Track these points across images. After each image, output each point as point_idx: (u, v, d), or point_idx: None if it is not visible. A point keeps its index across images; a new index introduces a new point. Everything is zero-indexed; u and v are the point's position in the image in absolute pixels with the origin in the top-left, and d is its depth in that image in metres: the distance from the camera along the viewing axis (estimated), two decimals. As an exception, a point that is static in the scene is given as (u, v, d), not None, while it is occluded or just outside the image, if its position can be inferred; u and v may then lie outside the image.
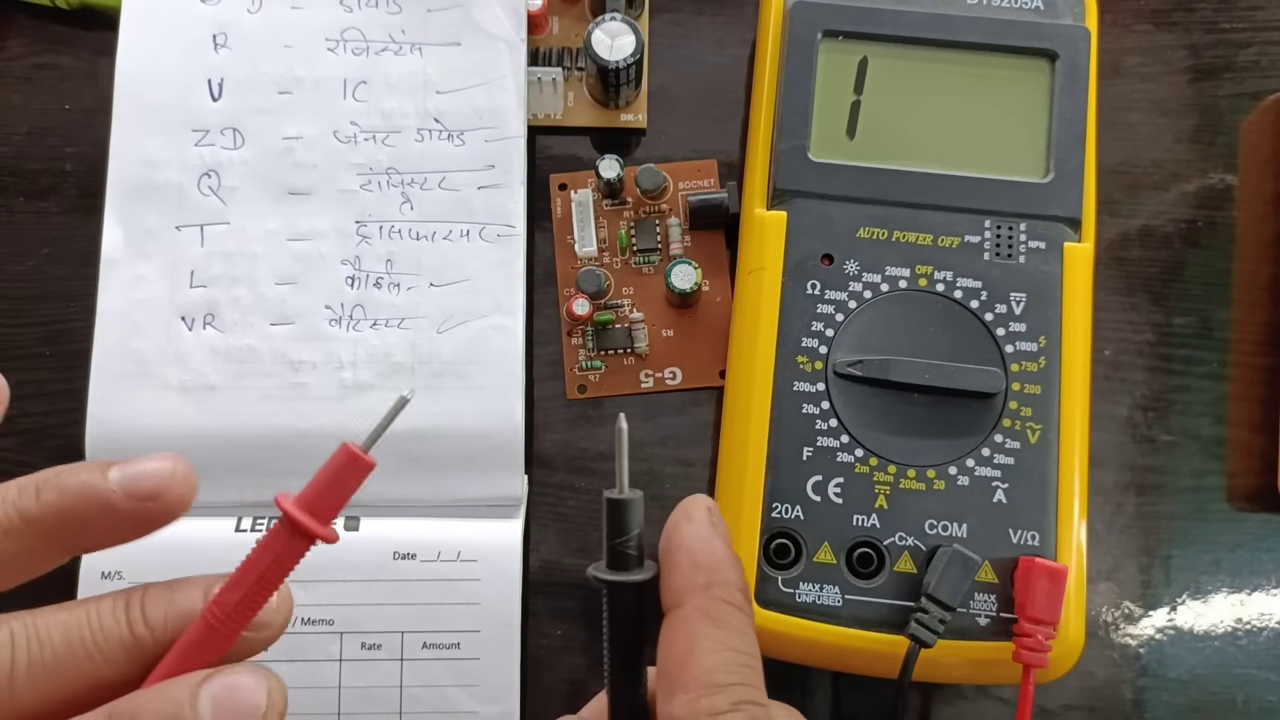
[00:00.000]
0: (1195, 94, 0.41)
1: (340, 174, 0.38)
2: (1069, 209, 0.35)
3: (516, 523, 0.36)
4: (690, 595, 0.24)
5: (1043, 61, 0.36)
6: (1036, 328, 0.35)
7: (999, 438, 0.34)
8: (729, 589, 0.24)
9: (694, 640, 0.23)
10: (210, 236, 0.37)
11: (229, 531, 0.35)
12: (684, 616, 0.24)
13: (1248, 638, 0.38)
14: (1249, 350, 0.39)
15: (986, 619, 0.33)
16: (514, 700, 0.35)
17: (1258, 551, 0.38)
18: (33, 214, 0.39)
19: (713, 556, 0.24)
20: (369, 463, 0.22)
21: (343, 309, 0.37)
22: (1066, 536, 0.33)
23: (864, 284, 0.35)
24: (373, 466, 0.22)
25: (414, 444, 0.36)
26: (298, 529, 0.23)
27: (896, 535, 0.34)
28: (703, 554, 0.24)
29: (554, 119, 0.40)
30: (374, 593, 0.35)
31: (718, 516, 0.25)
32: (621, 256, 0.39)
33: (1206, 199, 0.40)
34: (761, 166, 0.37)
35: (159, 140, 0.37)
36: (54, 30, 0.41)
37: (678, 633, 0.24)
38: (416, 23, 0.38)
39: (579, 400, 0.39)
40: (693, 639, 0.23)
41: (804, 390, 0.34)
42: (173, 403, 0.36)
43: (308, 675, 0.35)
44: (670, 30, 0.41)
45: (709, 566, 0.24)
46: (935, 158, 0.36)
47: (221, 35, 0.38)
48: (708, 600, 0.24)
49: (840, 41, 0.37)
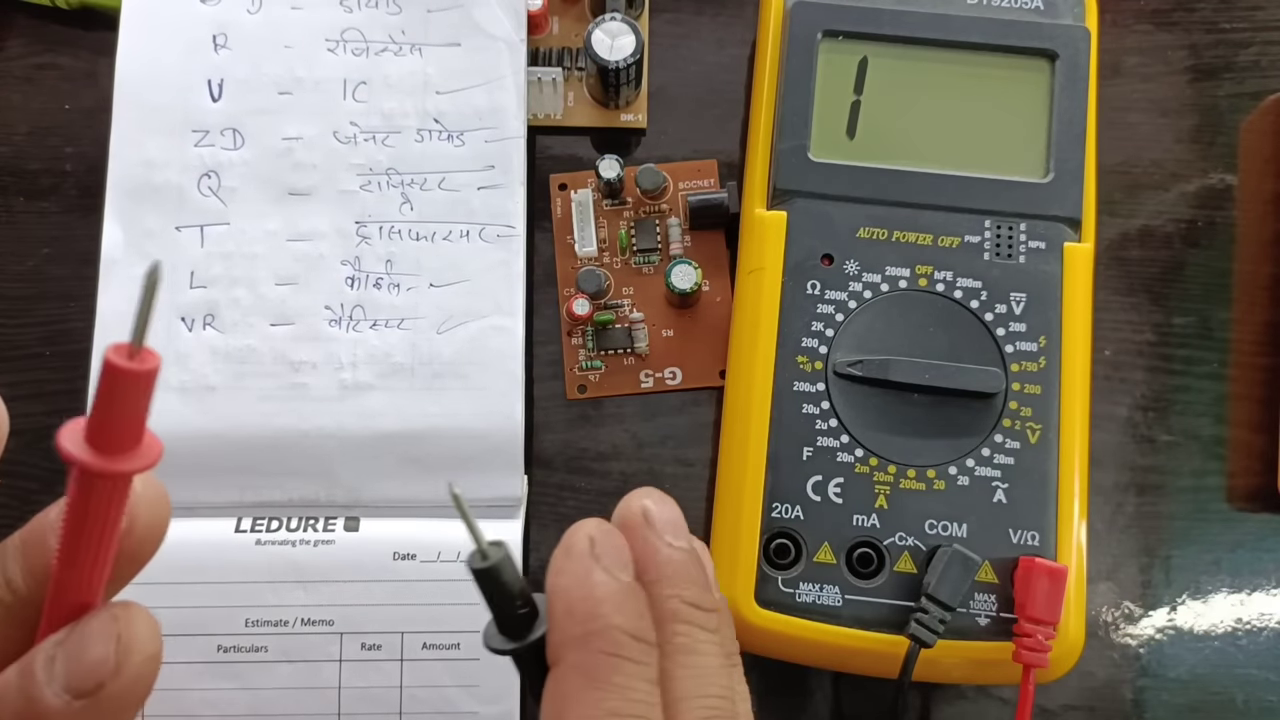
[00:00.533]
0: (1195, 94, 0.41)
1: (340, 174, 0.38)
2: (1069, 209, 0.35)
3: (516, 523, 0.36)
4: (565, 650, 0.21)
5: (1043, 61, 0.36)
6: (1036, 328, 0.35)
7: (999, 438, 0.34)
8: (609, 636, 0.21)
9: (565, 705, 0.20)
10: (210, 237, 0.37)
11: (229, 532, 0.35)
12: (558, 677, 0.21)
13: (1248, 638, 0.38)
14: (1249, 350, 0.39)
15: (986, 619, 0.33)
16: (514, 700, 0.35)
17: (1258, 551, 0.38)
18: (33, 214, 0.39)
19: (590, 599, 0.21)
20: (138, 371, 0.17)
21: (342, 309, 0.37)
22: (1066, 536, 0.33)
23: (864, 284, 0.35)
24: (150, 372, 0.18)
25: (414, 444, 0.36)
26: (94, 474, 0.18)
27: (896, 535, 0.34)
28: (578, 597, 0.21)
29: (554, 119, 0.40)
30: (374, 593, 0.35)
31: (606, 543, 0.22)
32: (621, 256, 0.39)
33: (1206, 199, 0.40)
34: (761, 166, 0.37)
35: (159, 140, 0.37)
36: (54, 30, 0.41)
37: (551, 697, 0.21)
38: (416, 23, 0.38)
39: (579, 400, 0.39)
40: (563, 704, 0.21)
41: (804, 390, 0.34)
42: (172, 403, 0.36)
43: (308, 676, 0.35)
44: (670, 30, 0.41)
45: (585, 613, 0.21)
46: (935, 158, 0.36)
47: (221, 36, 0.38)
48: (583, 654, 0.21)
49: (840, 41, 0.37)
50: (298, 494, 0.36)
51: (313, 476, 0.36)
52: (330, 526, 0.36)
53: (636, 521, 0.23)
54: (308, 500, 0.36)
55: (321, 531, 0.35)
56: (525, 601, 0.22)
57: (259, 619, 0.35)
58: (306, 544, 0.35)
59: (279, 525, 0.36)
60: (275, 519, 0.36)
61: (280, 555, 0.35)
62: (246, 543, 0.35)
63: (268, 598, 0.35)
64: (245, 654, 0.35)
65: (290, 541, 0.35)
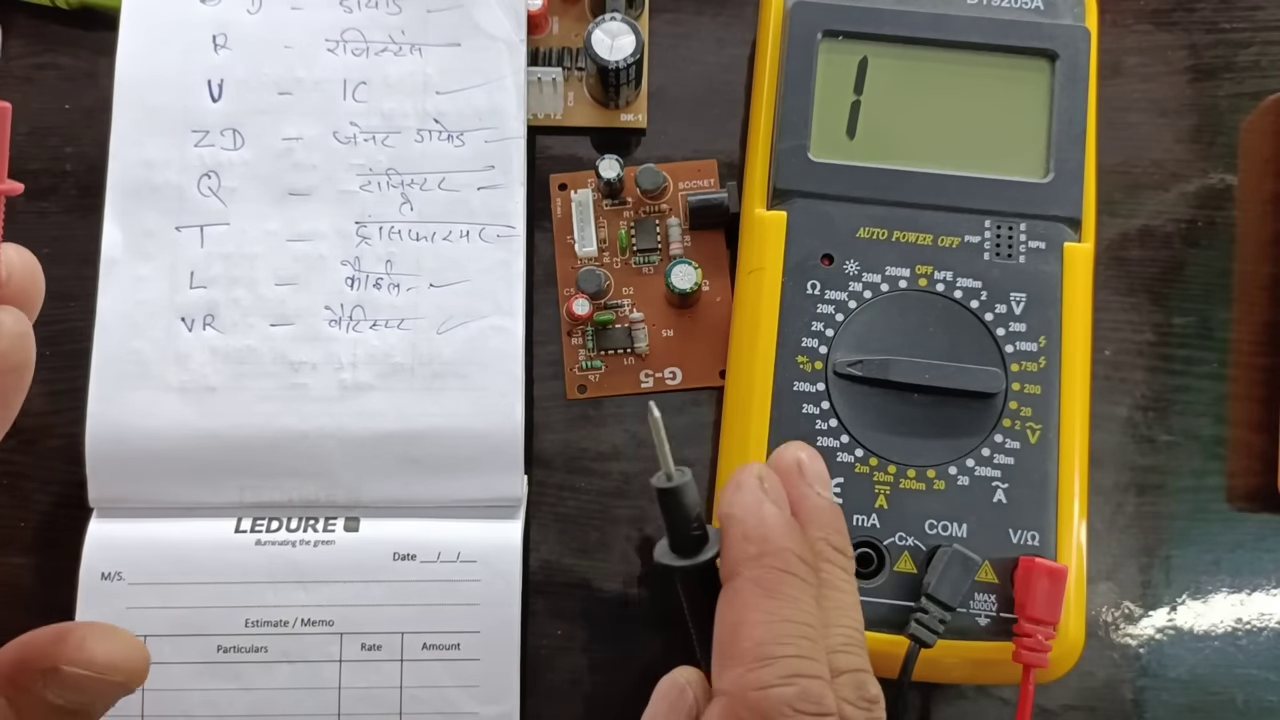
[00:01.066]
0: (1195, 94, 0.41)
1: (340, 175, 0.38)
2: (1069, 209, 0.35)
3: (516, 523, 0.36)
4: (742, 566, 0.23)
5: (1043, 61, 0.36)
6: (1036, 328, 0.35)
7: (999, 438, 0.34)
8: (783, 556, 0.23)
9: (744, 612, 0.23)
10: (210, 237, 0.37)
11: (229, 532, 0.35)
12: (736, 589, 0.23)
13: (1248, 638, 0.38)
14: (1249, 350, 0.39)
15: (986, 619, 0.33)
16: (514, 701, 0.35)
17: (1258, 551, 0.38)
18: (33, 214, 0.39)
19: (763, 525, 0.24)
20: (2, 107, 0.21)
21: (342, 310, 0.37)
22: (1066, 536, 0.33)
23: (864, 284, 0.35)
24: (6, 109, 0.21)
25: (414, 445, 0.36)
26: None
27: (896, 535, 0.34)
28: (753, 523, 0.24)
29: (554, 119, 0.40)
30: (374, 594, 0.35)
31: (772, 481, 0.25)
32: (621, 256, 0.39)
33: (1206, 199, 0.40)
34: (761, 166, 0.37)
35: (159, 141, 0.37)
36: (54, 30, 0.41)
37: (730, 605, 0.23)
38: (416, 23, 0.38)
39: (579, 400, 0.39)
40: (743, 611, 0.23)
41: (804, 390, 0.34)
42: (172, 403, 0.36)
43: (308, 676, 0.35)
44: (670, 30, 0.41)
45: (760, 536, 0.23)
46: (935, 158, 0.36)
47: (221, 36, 0.38)
48: (759, 570, 0.23)
49: (840, 41, 0.37)
50: (298, 494, 0.36)
51: (313, 477, 0.36)
52: (330, 527, 0.36)
53: (791, 470, 0.26)
54: (308, 501, 0.36)
55: (321, 532, 0.35)
56: (699, 525, 0.24)
57: (259, 619, 0.35)
58: (306, 544, 0.35)
59: (279, 526, 0.36)
60: (275, 519, 0.36)
61: (280, 556, 0.35)
62: (246, 543, 0.35)
63: (268, 598, 0.35)
64: (245, 654, 0.35)
65: (290, 542, 0.35)
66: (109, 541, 0.35)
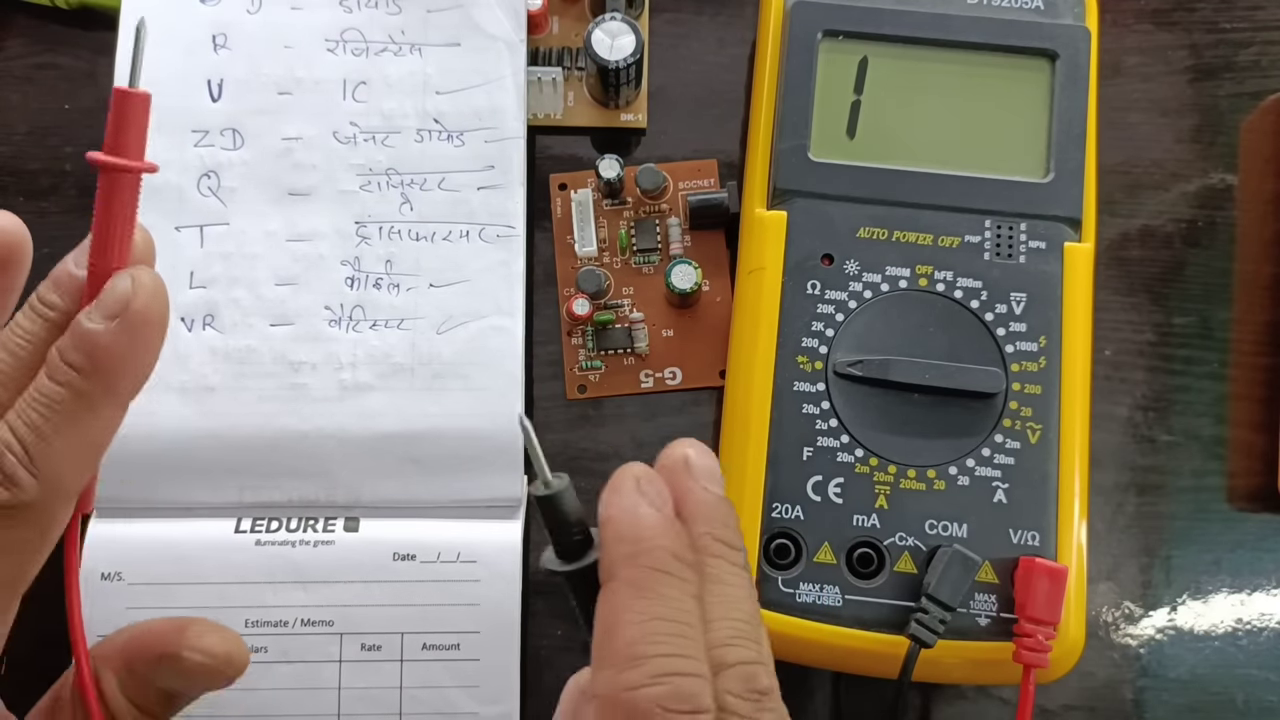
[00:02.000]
0: (1195, 94, 0.41)
1: (340, 175, 0.38)
2: (1069, 209, 0.35)
3: (516, 523, 0.36)
4: (617, 568, 0.23)
5: (1043, 61, 0.36)
6: (1037, 328, 0.35)
7: (999, 438, 0.34)
8: (655, 555, 0.23)
9: (618, 613, 0.23)
10: (210, 237, 0.37)
11: (229, 532, 0.35)
12: (611, 590, 0.23)
13: (1248, 638, 0.38)
14: (1249, 350, 0.39)
15: (986, 619, 0.33)
16: (514, 701, 0.35)
17: (1258, 551, 0.38)
18: (33, 214, 0.39)
19: (637, 525, 0.23)
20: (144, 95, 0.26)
21: (342, 310, 0.37)
22: (1066, 536, 0.33)
23: (864, 284, 0.35)
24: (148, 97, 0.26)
25: (414, 445, 0.36)
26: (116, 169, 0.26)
27: (896, 535, 0.34)
28: (627, 524, 0.23)
29: (554, 119, 0.40)
30: (374, 594, 0.35)
31: (649, 481, 0.24)
32: (621, 256, 0.39)
33: (1206, 199, 0.40)
34: (761, 166, 0.37)
35: (158, 140, 0.37)
36: (54, 30, 0.41)
37: (605, 607, 0.23)
38: (416, 23, 0.38)
39: (579, 400, 0.39)
40: (617, 612, 0.23)
41: (804, 390, 0.34)
42: (172, 403, 0.36)
43: (308, 676, 0.35)
44: (670, 30, 0.41)
45: (633, 536, 0.23)
46: (935, 158, 0.36)
47: (221, 36, 0.38)
48: (633, 570, 0.23)
49: (840, 41, 0.37)
50: (297, 494, 0.36)
51: (312, 477, 0.36)
52: (330, 527, 0.36)
53: (677, 466, 0.25)
54: (307, 501, 0.36)
55: (321, 532, 0.35)
56: (581, 530, 0.25)
57: (259, 619, 0.35)
58: (306, 544, 0.35)
59: (279, 526, 0.36)
60: (275, 519, 0.36)
61: (280, 556, 0.35)
62: (246, 543, 0.35)
63: (267, 598, 0.35)
64: (245, 654, 0.35)
65: (290, 542, 0.35)
66: (109, 542, 0.35)
